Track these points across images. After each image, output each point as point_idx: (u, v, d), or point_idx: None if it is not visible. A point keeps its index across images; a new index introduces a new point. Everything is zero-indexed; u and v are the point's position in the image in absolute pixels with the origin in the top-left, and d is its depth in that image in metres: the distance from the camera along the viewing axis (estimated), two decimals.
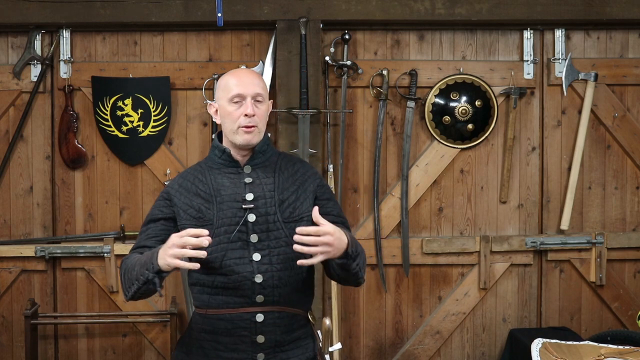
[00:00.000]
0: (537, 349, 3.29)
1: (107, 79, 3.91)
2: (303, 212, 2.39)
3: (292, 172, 2.46)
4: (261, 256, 2.31)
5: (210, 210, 2.35)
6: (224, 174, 2.42)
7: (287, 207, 2.37)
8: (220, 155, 2.43)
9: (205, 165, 2.47)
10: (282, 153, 2.55)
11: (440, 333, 4.09)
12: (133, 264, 2.31)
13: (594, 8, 3.88)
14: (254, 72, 2.51)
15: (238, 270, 2.29)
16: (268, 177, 2.41)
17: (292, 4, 3.81)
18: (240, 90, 2.37)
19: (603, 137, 4.10)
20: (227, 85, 2.41)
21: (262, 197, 2.36)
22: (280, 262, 2.32)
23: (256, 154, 2.42)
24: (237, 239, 2.31)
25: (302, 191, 2.43)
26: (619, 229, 4.12)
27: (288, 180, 2.43)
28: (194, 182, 2.42)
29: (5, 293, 3.97)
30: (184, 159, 4.00)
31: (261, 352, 2.32)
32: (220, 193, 2.37)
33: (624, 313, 4.10)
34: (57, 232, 3.99)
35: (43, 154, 3.98)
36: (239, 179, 2.40)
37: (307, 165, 2.56)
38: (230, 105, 2.38)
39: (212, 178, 2.42)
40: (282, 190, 2.40)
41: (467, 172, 4.08)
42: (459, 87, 3.99)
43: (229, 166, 2.42)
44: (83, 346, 4.03)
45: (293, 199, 2.40)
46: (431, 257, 4.05)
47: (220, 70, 3.91)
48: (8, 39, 3.96)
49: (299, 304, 2.39)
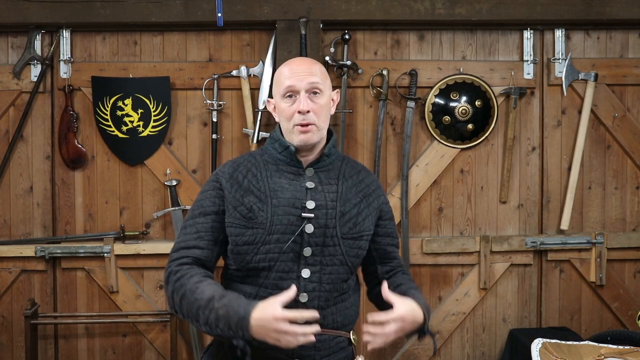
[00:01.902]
0: (537, 349, 3.29)
1: (107, 79, 3.91)
2: (364, 230, 2.15)
3: (357, 181, 2.20)
4: (310, 273, 2.07)
5: (264, 212, 2.07)
6: (282, 173, 2.13)
7: (348, 222, 2.11)
8: (281, 150, 2.15)
9: (261, 159, 2.17)
10: (346, 157, 2.28)
11: (440, 333, 4.09)
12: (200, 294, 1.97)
13: (594, 8, 3.88)
14: (309, 60, 2.20)
15: (282, 286, 2.03)
16: (331, 185, 2.14)
17: (292, 4, 3.81)
18: (292, 83, 2.09)
19: (603, 137, 4.10)
20: (279, 77, 2.13)
21: (323, 207, 2.09)
22: (330, 283, 2.09)
23: (322, 157, 2.16)
24: (289, 250, 2.06)
25: (366, 205, 2.17)
26: (619, 229, 4.12)
27: (351, 190, 2.17)
28: (246, 176, 2.13)
29: (5, 293, 3.97)
30: (184, 159, 4.00)
31: None
32: (277, 195, 2.09)
33: (624, 313, 4.10)
34: (57, 232, 3.99)
35: (43, 154, 3.98)
36: (299, 182, 2.12)
37: (372, 175, 2.29)
38: (284, 101, 2.11)
39: (268, 174, 2.13)
40: (345, 202, 2.13)
41: (467, 172, 4.08)
42: (459, 87, 3.99)
43: (290, 164, 2.14)
44: (83, 346, 4.03)
45: (355, 212, 2.14)
46: (431, 257, 4.05)
47: (220, 70, 3.91)
48: (8, 39, 3.96)
49: (342, 326, 2.15)
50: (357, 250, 2.15)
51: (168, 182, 3.94)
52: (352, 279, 2.18)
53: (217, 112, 3.93)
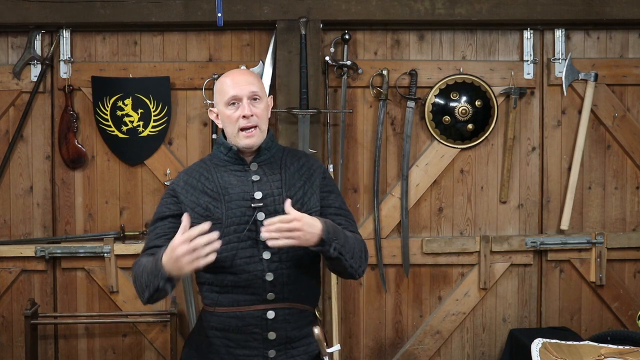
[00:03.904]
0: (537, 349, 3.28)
1: (107, 79, 3.91)
2: (311, 207, 2.39)
3: (298, 167, 2.45)
4: (271, 254, 2.31)
5: (219, 209, 2.33)
6: (230, 172, 2.40)
7: (295, 204, 2.33)
8: (226, 152, 2.41)
9: (210, 162, 2.44)
10: (287, 148, 2.54)
11: (440, 333, 4.09)
12: (141, 270, 2.28)
13: (594, 8, 3.88)
14: (247, 71, 2.50)
15: (249, 269, 2.30)
16: (275, 174, 2.40)
17: (292, 4, 3.81)
18: (235, 92, 2.35)
19: (603, 137, 4.10)
20: (222, 88, 2.39)
21: (270, 195, 2.35)
22: (290, 260, 2.33)
23: (262, 151, 2.41)
24: (246, 237, 2.31)
25: (309, 186, 2.42)
26: (619, 229, 4.12)
27: (294, 176, 2.42)
28: (199, 180, 2.40)
29: (5, 293, 3.97)
30: (184, 159, 4.00)
31: (272, 349, 2.34)
32: (228, 191, 2.35)
33: (624, 313, 4.10)
34: (57, 232, 3.99)
35: (43, 154, 3.98)
36: (246, 177, 2.38)
37: (312, 158, 2.54)
38: (228, 108, 2.37)
39: (218, 176, 2.39)
40: (290, 187, 2.39)
41: (467, 172, 4.08)
42: (459, 87, 3.99)
43: (235, 163, 2.41)
44: (83, 346, 4.03)
45: (300, 194, 2.39)
46: (431, 257, 4.05)
47: (220, 70, 3.90)
48: (8, 39, 3.96)
49: (308, 301, 2.41)
50: None
51: (168, 182, 3.95)
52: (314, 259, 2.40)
53: None
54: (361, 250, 2.39)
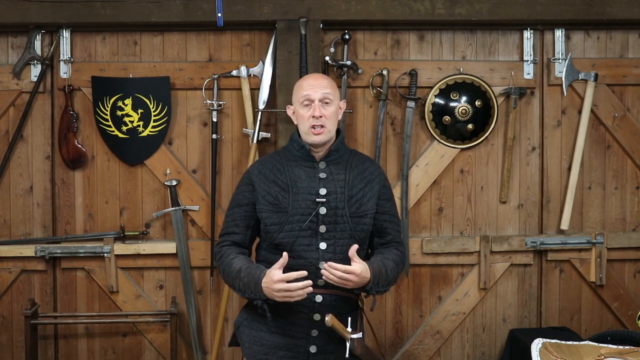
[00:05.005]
0: (537, 349, 3.28)
1: (107, 79, 3.91)
2: (368, 210, 2.71)
3: (362, 170, 2.75)
4: (327, 245, 2.63)
5: (286, 199, 2.65)
6: (300, 167, 2.71)
7: (354, 203, 2.67)
8: (298, 149, 2.72)
9: (283, 156, 2.75)
10: (353, 151, 2.85)
11: (440, 333, 4.09)
12: (235, 273, 2.60)
13: (594, 8, 3.88)
14: (323, 76, 2.80)
15: (305, 256, 2.62)
16: (340, 174, 2.71)
17: (292, 4, 3.81)
18: (309, 93, 2.67)
19: (603, 137, 4.10)
20: (299, 89, 2.73)
21: (333, 193, 2.67)
22: (342, 252, 2.62)
23: (331, 152, 2.72)
24: (307, 227, 2.63)
25: (369, 189, 2.73)
26: (619, 229, 4.12)
27: (357, 178, 2.73)
28: (272, 170, 2.71)
29: (5, 293, 3.97)
30: (184, 159, 4.00)
31: (315, 329, 2.66)
32: (297, 185, 2.67)
33: (624, 313, 4.10)
34: (57, 232, 3.99)
35: (43, 154, 3.98)
36: (314, 173, 2.69)
37: (375, 164, 2.86)
38: (302, 107, 2.69)
39: (289, 169, 2.70)
40: (352, 187, 2.70)
41: (467, 172, 4.08)
42: (459, 87, 3.99)
43: (306, 159, 2.71)
44: (83, 346, 4.03)
45: (360, 195, 2.70)
46: (431, 257, 4.05)
47: (220, 70, 3.91)
48: (8, 39, 3.96)
49: (352, 289, 2.64)
50: (362, 226, 2.71)
51: (168, 182, 3.95)
52: (361, 251, 2.69)
53: (217, 112, 3.93)
54: (396, 274, 2.71)
